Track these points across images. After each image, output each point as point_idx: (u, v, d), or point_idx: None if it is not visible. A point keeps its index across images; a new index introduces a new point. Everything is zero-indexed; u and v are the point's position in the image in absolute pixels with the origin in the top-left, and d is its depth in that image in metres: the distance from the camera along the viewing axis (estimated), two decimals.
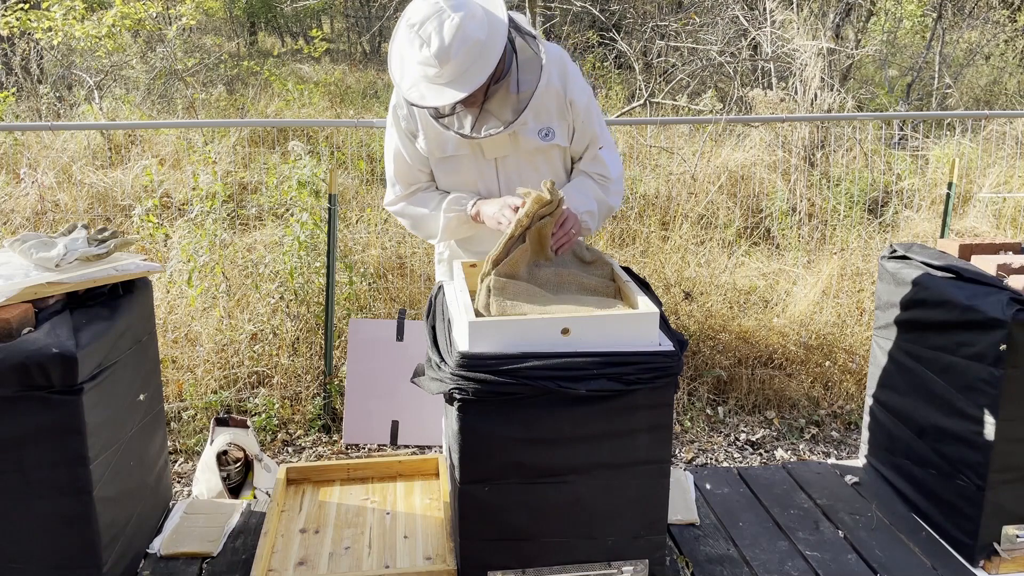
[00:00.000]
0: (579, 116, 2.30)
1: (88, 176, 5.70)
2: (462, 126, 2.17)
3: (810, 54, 6.88)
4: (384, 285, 4.45)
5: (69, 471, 2.05)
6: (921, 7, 10.31)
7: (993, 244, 2.63)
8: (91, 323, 2.12)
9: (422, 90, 2.07)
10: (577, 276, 2.18)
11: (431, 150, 2.31)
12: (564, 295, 2.11)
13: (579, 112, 2.29)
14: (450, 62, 2.01)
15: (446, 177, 2.36)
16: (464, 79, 2.03)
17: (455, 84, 2.04)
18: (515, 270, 2.07)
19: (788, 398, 4.04)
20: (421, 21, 2.02)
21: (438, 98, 2.05)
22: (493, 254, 2.06)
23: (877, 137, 6.38)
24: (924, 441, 2.58)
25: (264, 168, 5.61)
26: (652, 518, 2.08)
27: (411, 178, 2.38)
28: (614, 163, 2.38)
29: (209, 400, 3.76)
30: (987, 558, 2.40)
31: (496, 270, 2.04)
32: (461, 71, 2.03)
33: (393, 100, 2.32)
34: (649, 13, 9.11)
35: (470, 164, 2.31)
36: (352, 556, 2.30)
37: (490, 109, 2.15)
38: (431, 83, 2.05)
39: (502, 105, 2.15)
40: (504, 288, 2.01)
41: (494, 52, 2.04)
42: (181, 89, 8.73)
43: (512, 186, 2.30)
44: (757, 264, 4.97)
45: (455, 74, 2.03)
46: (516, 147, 2.28)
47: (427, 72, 2.04)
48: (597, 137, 2.36)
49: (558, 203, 2.08)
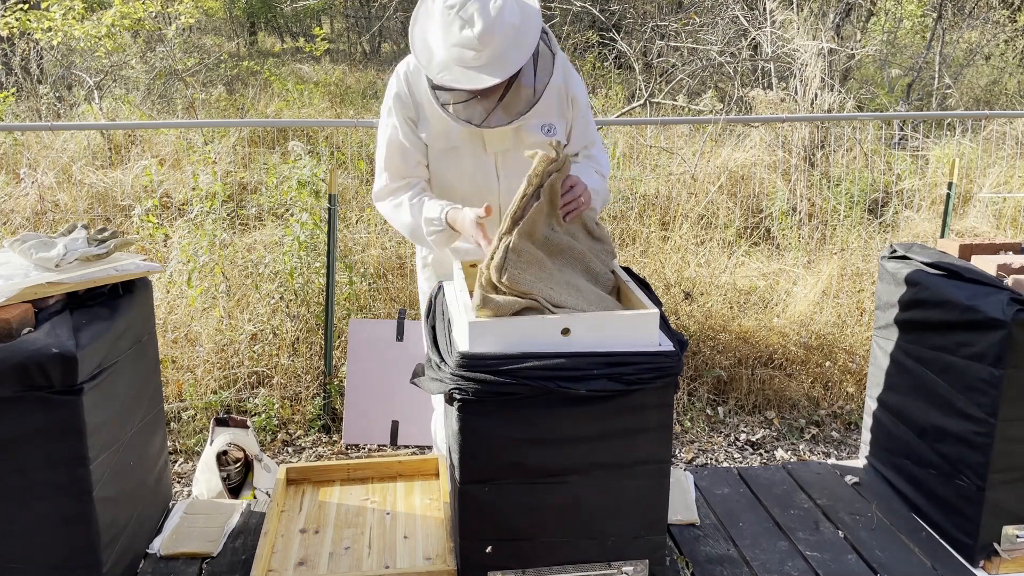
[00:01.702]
0: (579, 114, 2.31)
1: (88, 176, 5.70)
2: (471, 117, 2.16)
3: (810, 54, 6.88)
4: (384, 285, 4.45)
5: (69, 471, 2.05)
6: (921, 7, 10.31)
7: (993, 244, 2.63)
8: (91, 323, 2.12)
9: (455, 74, 2.06)
10: (584, 256, 2.16)
11: (433, 140, 2.29)
12: (568, 273, 2.09)
13: (579, 110, 2.31)
14: (491, 45, 2.01)
15: (444, 169, 2.34)
16: (500, 64, 2.04)
17: (489, 69, 2.04)
18: (533, 230, 2.03)
19: (788, 398, 4.04)
20: (462, 3, 2.03)
21: (472, 82, 2.05)
22: (512, 210, 2.02)
23: (877, 137, 6.38)
24: (924, 441, 2.58)
25: (264, 168, 5.61)
26: (652, 518, 2.07)
27: (404, 171, 2.34)
28: (606, 163, 2.41)
29: (209, 400, 3.75)
30: (987, 558, 2.40)
31: (518, 229, 1.99)
32: (498, 55, 2.04)
33: (394, 88, 2.30)
34: (649, 13, 9.11)
35: (470, 157, 2.31)
36: (352, 556, 2.30)
37: (512, 98, 2.15)
38: (465, 67, 2.05)
39: (514, 98, 2.15)
40: (521, 252, 1.98)
41: (531, 39, 2.07)
42: (181, 89, 8.73)
43: (511, 180, 2.29)
44: (757, 264, 4.97)
45: (492, 58, 2.04)
46: (518, 141, 2.28)
47: (463, 55, 2.04)
48: (593, 135, 2.38)
49: (565, 160, 2.06)
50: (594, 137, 2.41)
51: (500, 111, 2.15)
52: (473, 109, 2.15)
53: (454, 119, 2.17)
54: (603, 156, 2.41)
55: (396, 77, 2.30)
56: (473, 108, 2.15)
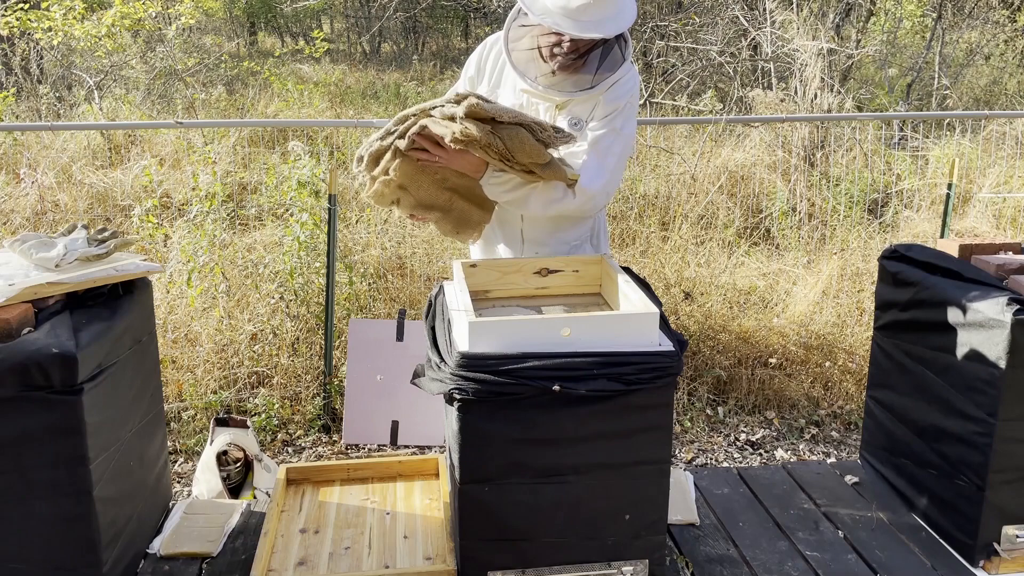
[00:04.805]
0: (597, 117, 2.31)
1: (88, 176, 5.71)
2: (526, 70, 2.24)
3: (810, 54, 6.88)
4: (384, 285, 4.45)
5: (69, 471, 2.05)
6: (921, 7, 10.32)
7: (993, 244, 2.62)
8: (91, 323, 2.12)
9: (556, 18, 2.14)
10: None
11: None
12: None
13: (599, 115, 2.31)
14: (601, 4, 2.12)
15: None
16: (598, 25, 2.13)
17: (587, 25, 2.13)
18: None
19: (788, 398, 4.04)
20: None
21: (571, 28, 2.12)
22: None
23: (877, 137, 6.38)
24: (924, 441, 2.58)
25: (264, 168, 5.61)
26: (652, 518, 2.08)
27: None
28: (591, 175, 2.29)
29: (209, 400, 3.76)
30: (987, 558, 2.40)
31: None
32: (600, 18, 2.13)
33: (474, 53, 2.42)
34: (649, 13, 9.10)
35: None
36: (352, 556, 2.30)
37: (567, 75, 2.23)
38: (568, 17, 2.13)
39: (571, 75, 2.23)
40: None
41: (627, 18, 2.18)
42: (181, 89, 8.73)
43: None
44: (757, 264, 4.97)
45: (596, 16, 2.13)
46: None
47: (569, 6, 2.12)
48: (598, 143, 2.31)
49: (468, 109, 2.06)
50: (600, 149, 2.30)
51: (554, 80, 2.23)
52: (530, 66, 2.24)
53: (512, 64, 2.25)
54: (595, 168, 2.29)
55: (481, 45, 2.44)
56: (531, 65, 2.24)
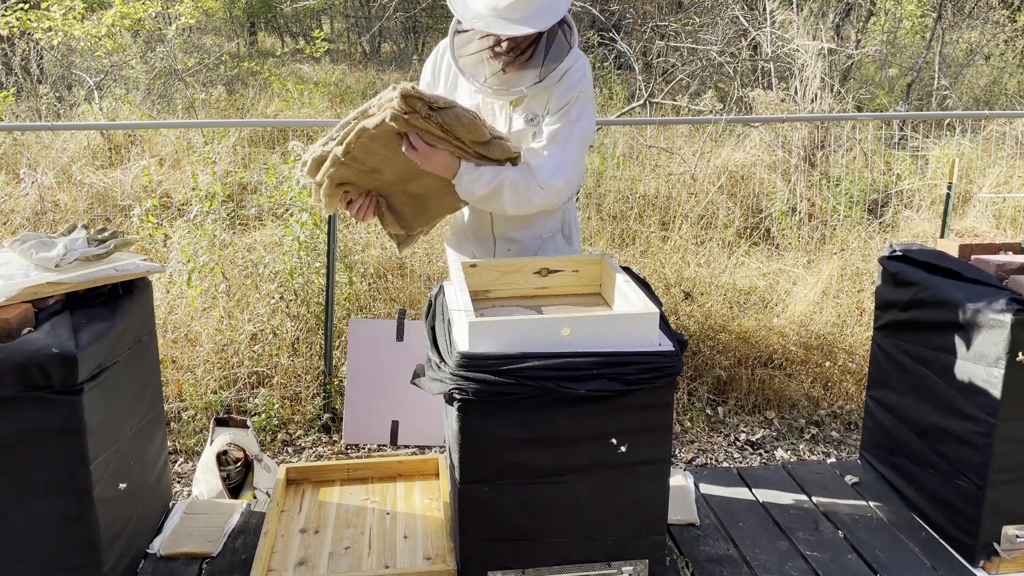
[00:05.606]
0: (551, 111, 2.29)
1: (88, 176, 5.71)
2: (475, 74, 2.24)
3: (810, 54, 6.88)
4: (384, 285, 4.45)
5: (69, 471, 2.05)
6: (921, 7, 10.32)
7: (993, 244, 2.62)
8: (91, 323, 2.12)
9: (487, 20, 2.15)
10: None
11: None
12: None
13: (553, 109, 2.28)
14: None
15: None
16: (530, 20, 2.13)
17: (520, 21, 2.13)
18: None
19: (788, 398, 4.04)
20: None
21: (502, 28, 2.13)
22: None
23: (877, 137, 6.38)
24: (924, 441, 2.58)
25: (264, 168, 5.61)
26: (652, 518, 2.07)
27: None
28: (552, 169, 2.25)
29: (209, 400, 3.76)
30: (987, 558, 2.40)
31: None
32: (531, 12, 2.12)
33: (429, 59, 2.43)
34: (649, 13, 9.10)
35: None
36: (352, 556, 2.30)
37: (516, 72, 2.23)
38: (499, 17, 2.14)
39: (519, 72, 2.23)
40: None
41: (561, 7, 2.17)
42: (181, 89, 8.73)
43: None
44: (757, 264, 4.97)
45: (526, 12, 2.12)
46: (502, 123, 2.34)
47: (498, 6, 2.13)
48: (556, 137, 2.28)
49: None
50: (559, 141, 2.27)
51: (504, 79, 2.23)
52: (479, 68, 2.24)
53: (460, 71, 2.26)
54: (555, 161, 2.25)
55: (434, 51, 2.45)
56: (479, 67, 2.24)
